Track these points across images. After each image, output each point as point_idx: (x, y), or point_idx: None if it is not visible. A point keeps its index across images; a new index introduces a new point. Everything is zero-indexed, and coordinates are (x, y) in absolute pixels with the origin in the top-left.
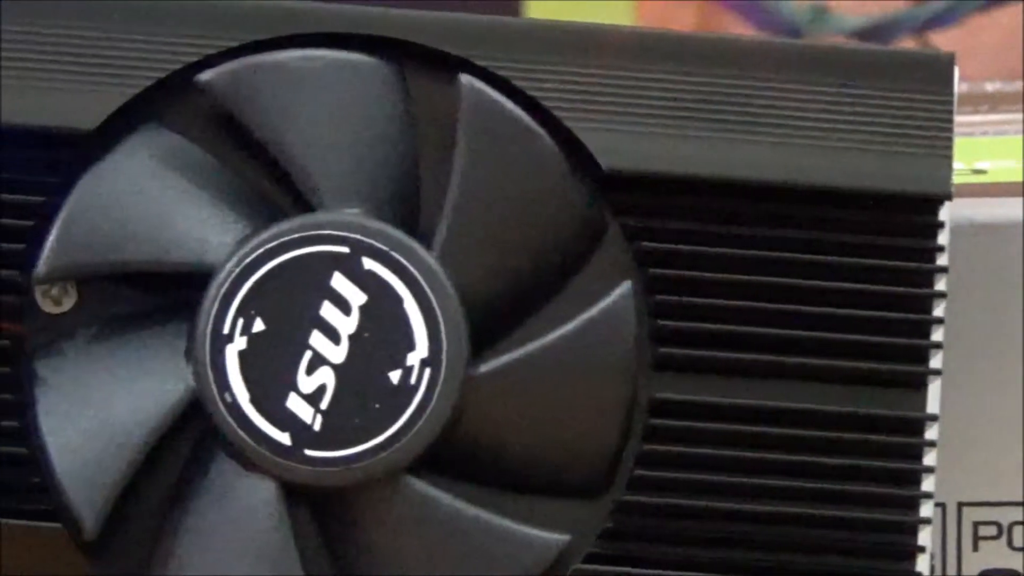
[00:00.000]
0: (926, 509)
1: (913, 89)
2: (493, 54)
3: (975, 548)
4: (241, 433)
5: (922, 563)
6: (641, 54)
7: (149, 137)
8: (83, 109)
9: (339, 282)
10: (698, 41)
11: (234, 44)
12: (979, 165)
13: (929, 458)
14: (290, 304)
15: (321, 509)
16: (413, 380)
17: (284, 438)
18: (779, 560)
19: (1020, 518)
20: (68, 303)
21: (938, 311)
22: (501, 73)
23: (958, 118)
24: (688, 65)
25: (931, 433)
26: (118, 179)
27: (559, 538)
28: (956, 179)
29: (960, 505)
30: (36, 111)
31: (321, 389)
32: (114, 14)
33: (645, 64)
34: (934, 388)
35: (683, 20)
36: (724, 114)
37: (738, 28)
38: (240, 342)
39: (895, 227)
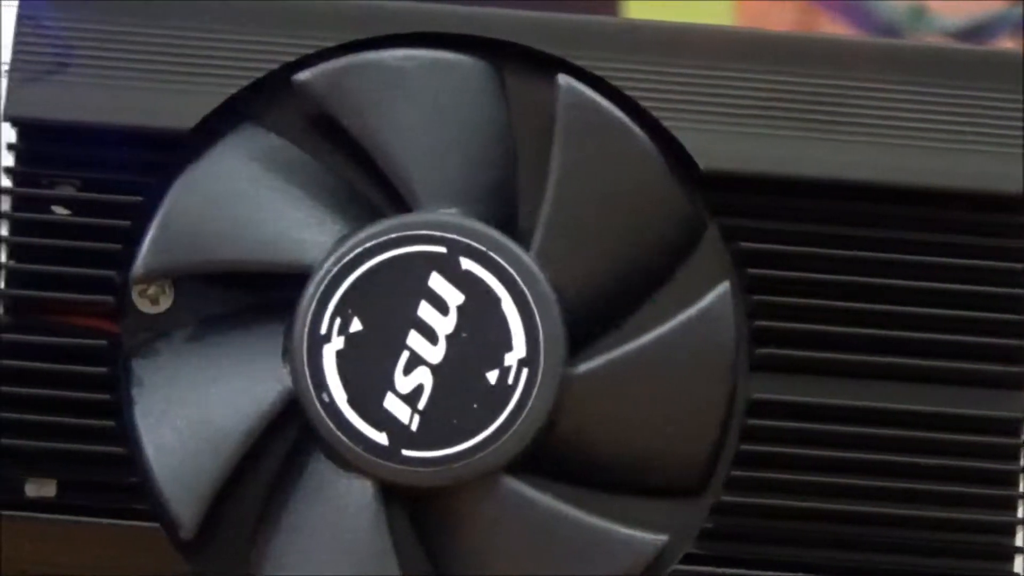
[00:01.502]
0: None
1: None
2: (591, 54)
3: None
4: (338, 433)
5: (1020, 564)
6: (739, 54)
7: (246, 137)
8: (180, 109)
9: (437, 282)
10: (795, 41)
11: (332, 44)
12: None
13: None
14: (388, 304)
15: (418, 509)
16: (511, 380)
17: (381, 438)
18: (875, 560)
19: None
20: (165, 303)
21: None
22: (599, 73)
23: None
24: (785, 65)
25: None
26: (215, 179)
27: (658, 538)
28: None
29: None
30: (134, 111)
31: (418, 389)
32: (211, 14)
33: (743, 64)
34: None
35: (782, 20)
36: (821, 114)
37: (836, 28)
38: (337, 342)
39: (993, 227)
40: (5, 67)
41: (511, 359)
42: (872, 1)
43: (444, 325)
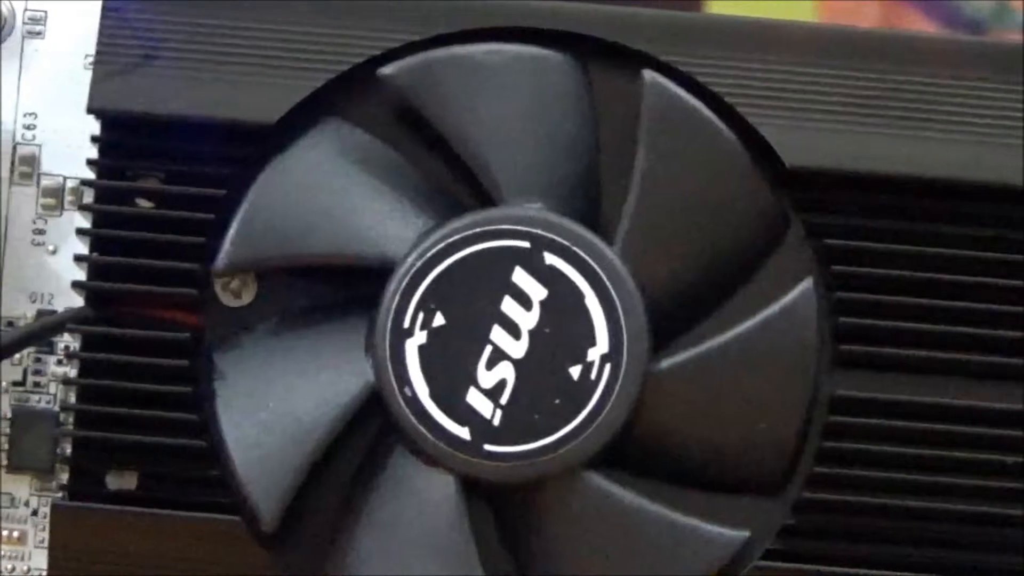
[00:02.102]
0: None
1: None
2: (676, 50)
3: None
4: (420, 428)
5: None
6: (822, 50)
7: (330, 130)
8: (265, 103)
9: (520, 277)
10: (877, 38)
11: (416, 38)
12: None
13: None
14: (471, 299)
15: (500, 503)
16: (593, 375)
17: (464, 433)
18: (959, 558)
19: None
20: (247, 296)
21: None
22: (683, 69)
23: None
24: (869, 62)
25: None
26: (299, 172)
27: (739, 535)
28: None
29: None
30: (217, 104)
31: (501, 384)
32: (296, 9)
33: (826, 60)
34: None
35: (866, 17)
36: (905, 111)
37: (921, 25)
38: (420, 336)
39: None
40: (90, 60)
41: (594, 354)
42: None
43: (527, 320)
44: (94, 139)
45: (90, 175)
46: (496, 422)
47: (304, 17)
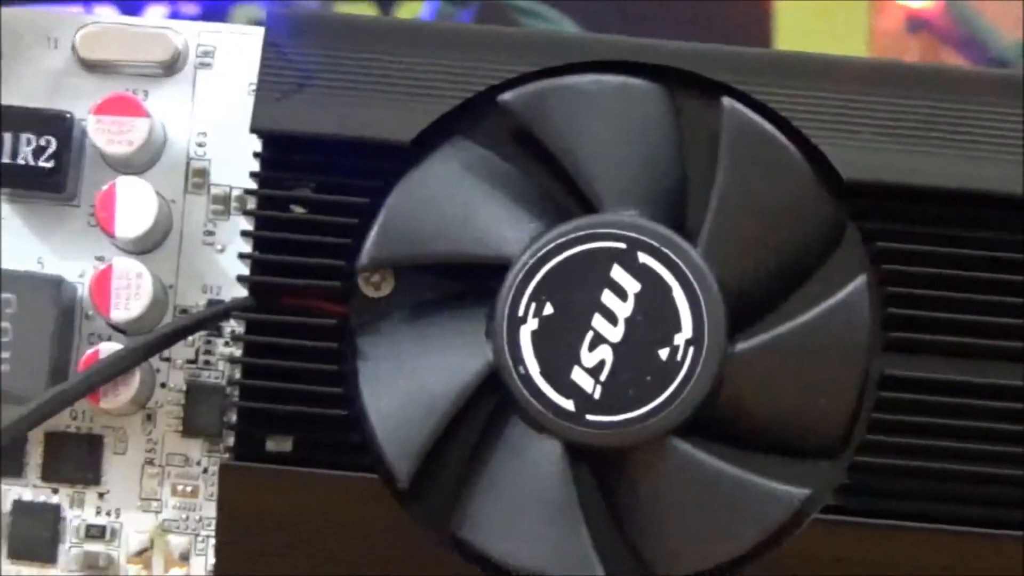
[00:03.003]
0: None
1: None
2: (750, 80)
3: None
4: (533, 401)
5: None
6: (874, 81)
7: (457, 148)
8: (401, 124)
9: (618, 273)
10: (921, 70)
11: (530, 69)
12: None
13: None
14: (575, 291)
15: (599, 466)
16: (679, 357)
17: (569, 405)
18: (992, 514)
19: None
20: (386, 289)
21: None
22: (757, 96)
23: None
24: (913, 90)
25: None
26: (430, 183)
27: (801, 492)
28: None
29: None
30: (362, 125)
31: (601, 364)
32: (428, 42)
33: (877, 89)
34: None
35: (910, 52)
36: (945, 132)
37: (956, 60)
38: (532, 323)
39: None
40: (252, 87)
41: (680, 339)
42: (985, 38)
43: (623, 310)
44: (256, 155)
45: (252, 185)
46: (596, 396)
47: (435, 51)
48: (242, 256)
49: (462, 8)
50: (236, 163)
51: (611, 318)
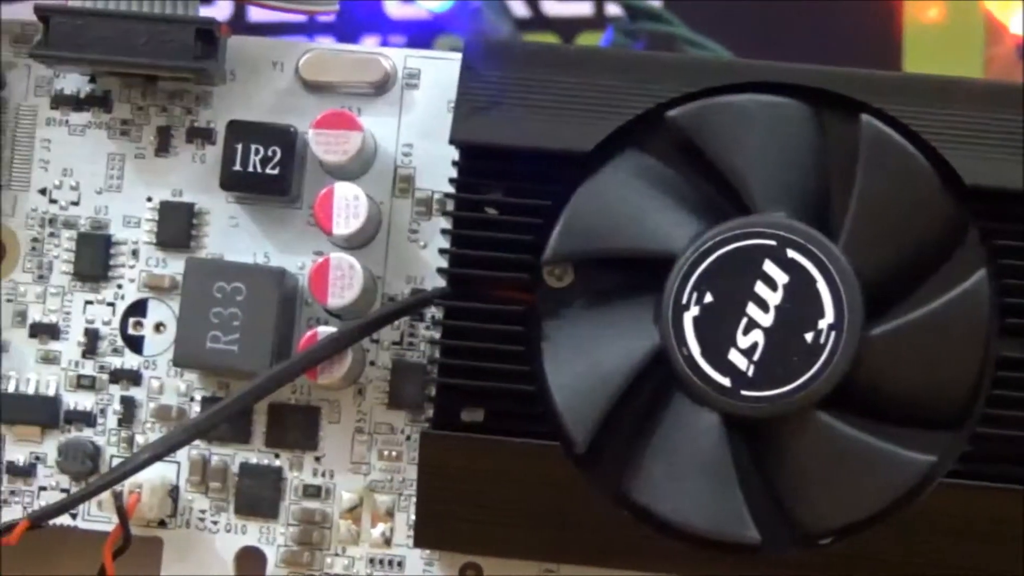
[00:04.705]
0: None
1: None
2: (884, 99)
3: None
4: (694, 378)
5: None
6: (991, 99)
7: (630, 158)
8: (582, 136)
9: (769, 267)
10: None
11: (693, 90)
12: None
13: None
14: (732, 282)
15: (752, 435)
16: (822, 340)
17: (726, 381)
18: None
19: None
20: (567, 280)
21: None
22: (890, 113)
23: None
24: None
25: None
26: (606, 188)
27: (928, 459)
28: None
29: None
30: (546, 137)
31: (754, 346)
32: (605, 65)
33: (993, 106)
34: None
35: (1020, 75)
36: None
37: None
38: (694, 310)
39: None
40: (451, 104)
41: (823, 324)
42: None
43: (774, 298)
44: (454, 163)
45: (451, 190)
46: (750, 374)
47: (611, 74)
48: (442, 251)
49: (634, 40)
50: (437, 170)
51: (763, 306)
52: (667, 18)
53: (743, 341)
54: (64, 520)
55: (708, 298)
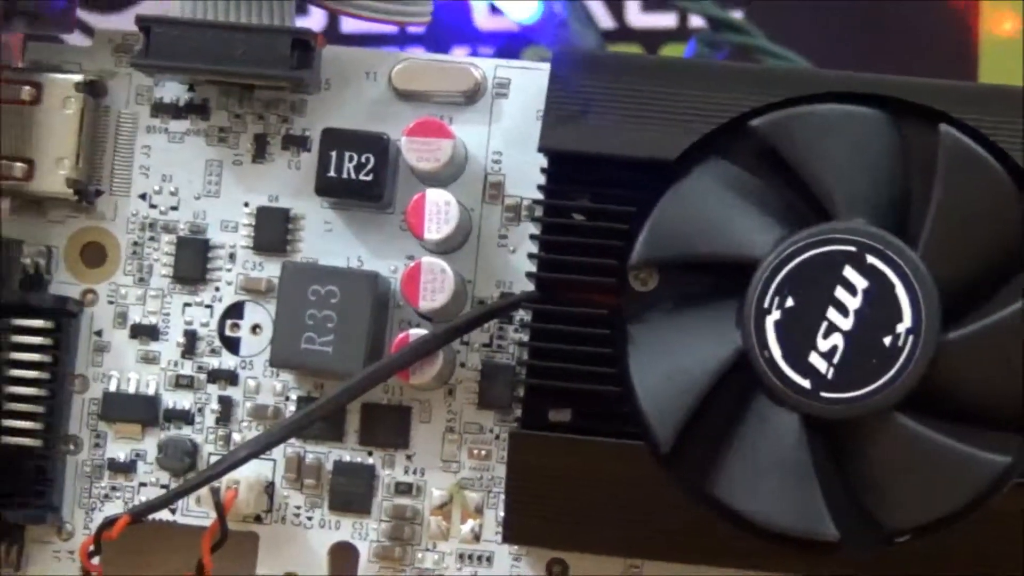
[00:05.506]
0: None
1: None
2: (961, 109)
3: None
4: (775, 380)
5: None
6: None
7: (713, 166)
8: (667, 145)
9: (848, 272)
10: None
11: (774, 100)
12: None
13: None
14: (813, 287)
15: (831, 435)
16: (900, 343)
17: (806, 383)
18: None
19: None
20: (651, 284)
21: None
22: (969, 123)
23: None
24: None
25: None
26: (690, 195)
27: (1004, 459)
28: None
29: None
30: (632, 145)
31: (834, 349)
32: (690, 76)
33: None
34: None
35: None
36: None
37: None
38: (776, 314)
39: None
40: (539, 113)
41: (901, 328)
42: None
43: (853, 303)
44: (542, 170)
45: (539, 196)
46: (830, 376)
47: (695, 84)
48: (530, 256)
49: (716, 51)
50: (526, 177)
51: (843, 310)
52: (748, 30)
53: (823, 344)
54: (163, 515)
55: (789, 302)
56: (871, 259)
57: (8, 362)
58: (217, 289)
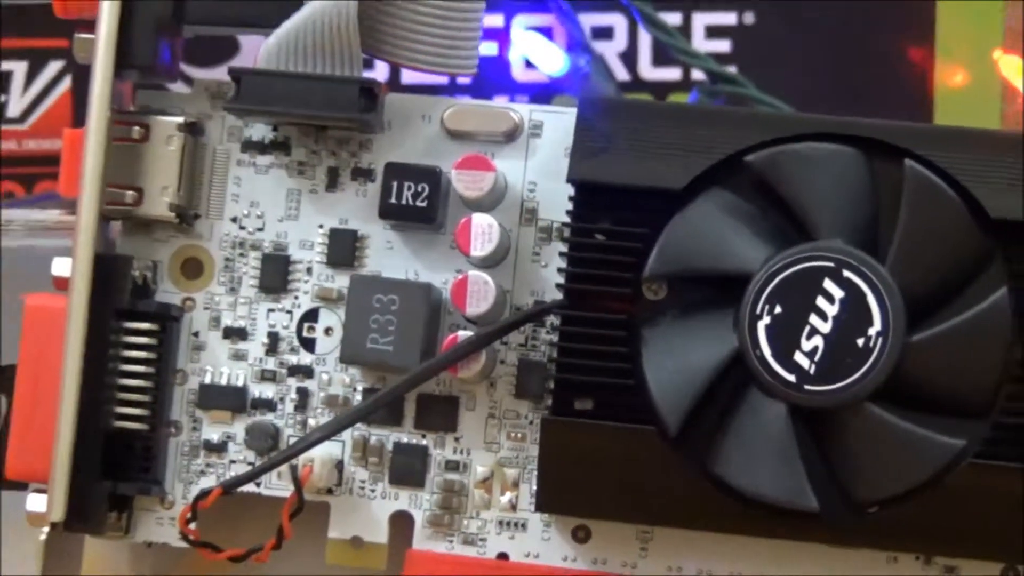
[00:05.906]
0: None
1: None
2: (923, 146)
3: None
4: (766, 375)
5: None
6: (1009, 147)
7: (715, 195)
8: (675, 176)
9: (828, 284)
10: None
11: (765, 139)
12: None
13: None
14: (797, 297)
15: (813, 422)
16: (871, 344)
17: (792, 378)
18: None
19: None
20: (662, 294)
21: None
22: (929, 158)
23: None
24: None
25: None
26: (694, 219)
27: (958, 442)
28: None
29: None
30: (645, 176)
31: (815, 349)
32: (695, 118)
33: (1012, 152)
34: None
35: None
36: None
37: None
38: (766, 319)
39: None
40: (567, 150)
41: (872, 331)
42: None
43: (831, 310)
44: (570, 198)
45: (567, 220)
46: (812, 372)
47: (700, 124)
48: (559, 270)
49: (714, 98)
50: (556, 204)
51: (823, 316)
52: (741, 81)
53: (806, 345)
54: (250, 488)
55: (778, 309)
56: (847, 273)
57: (121, 359)
58: (296, 297)
